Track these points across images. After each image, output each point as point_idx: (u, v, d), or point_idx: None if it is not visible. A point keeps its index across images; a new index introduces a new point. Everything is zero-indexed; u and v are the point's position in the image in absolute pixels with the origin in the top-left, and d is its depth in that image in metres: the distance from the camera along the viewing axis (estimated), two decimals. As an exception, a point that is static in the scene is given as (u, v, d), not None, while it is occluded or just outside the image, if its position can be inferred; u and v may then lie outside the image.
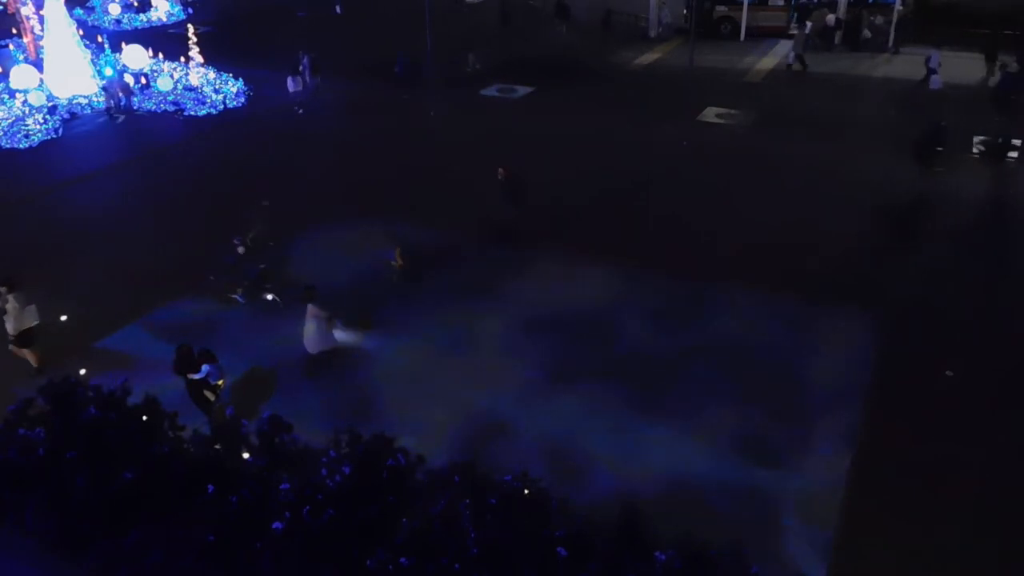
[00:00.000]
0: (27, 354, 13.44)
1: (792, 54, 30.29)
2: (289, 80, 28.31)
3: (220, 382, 12.19)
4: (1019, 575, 9.86)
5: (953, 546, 10.06)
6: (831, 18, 32.80)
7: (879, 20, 32.41)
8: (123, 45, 28.88)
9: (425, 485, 8.41)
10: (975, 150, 21.86)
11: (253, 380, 13.26)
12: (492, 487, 8.11)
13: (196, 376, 11.86)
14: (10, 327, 13.31)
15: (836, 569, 9.82)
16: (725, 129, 24.71)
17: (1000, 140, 21.72)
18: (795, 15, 33.65)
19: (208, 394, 12.01)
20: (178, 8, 40.26)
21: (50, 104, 25.76)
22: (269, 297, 15.20)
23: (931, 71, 26.87)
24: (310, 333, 13.48)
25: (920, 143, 20.94)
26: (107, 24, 37.54)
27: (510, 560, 7.41)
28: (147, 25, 38.35)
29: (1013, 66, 25.38)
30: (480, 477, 8.30)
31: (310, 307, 13.43)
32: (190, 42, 28.05)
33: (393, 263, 16.11)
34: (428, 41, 27.26)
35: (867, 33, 32.47)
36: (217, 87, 27.27)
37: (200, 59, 28.35)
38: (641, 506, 9.48)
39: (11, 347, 13.43)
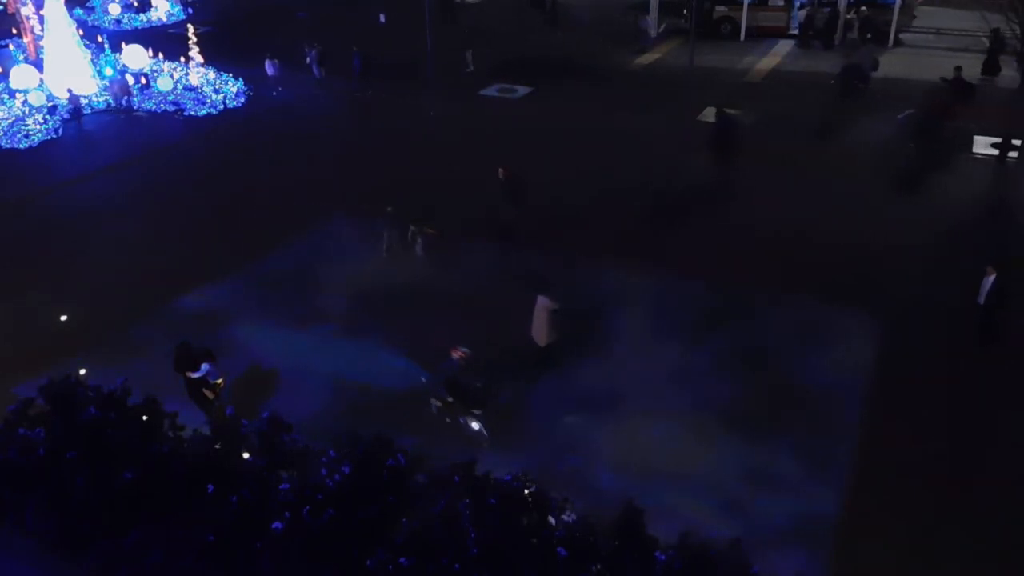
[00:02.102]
0: None
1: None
2: (267, 64, 28.35)
3: (219, 381, 12.18)
4: (1019, 575, 9.86)
5: (953, 546, 10.06)
6: (800, 14, 33.33)
7: (851, 16, 32.80)
8: (123, 45, 28.90)
9: (425, 485, 8.40)
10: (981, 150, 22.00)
11: (253, 379, 13.26)
12: (492, 487, 8.10)
13: (195, 375, 11.85)
14: None
15: (836, 569, 9.82)
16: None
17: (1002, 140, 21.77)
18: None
19: (207, 392, 12.01)
20: (178, 8, 40.24)
21: (50, 104, 25.76)
22: (475, 426, 11.81)
23: None
24: (540, 324, 13.08)
25: (715, 135, 21.47)
26: (107, 24, 37.52)
27: (510, 560, 7.40)
28: (147, 25, 38.33)
29: (855, 57, 27.27)
30: (480, 477, 8.30)
31: (541, 298, 13.02)
32: (190, 42, 28.07)
33: None
34: (428, 41, 27.25)
35: (867, 34, 32.54)
36: (217, 87, 27.27)
37: (200, 59, 28.37)
38: (642, 506, 9.51)
39: None
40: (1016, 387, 12.84)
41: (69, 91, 25.80)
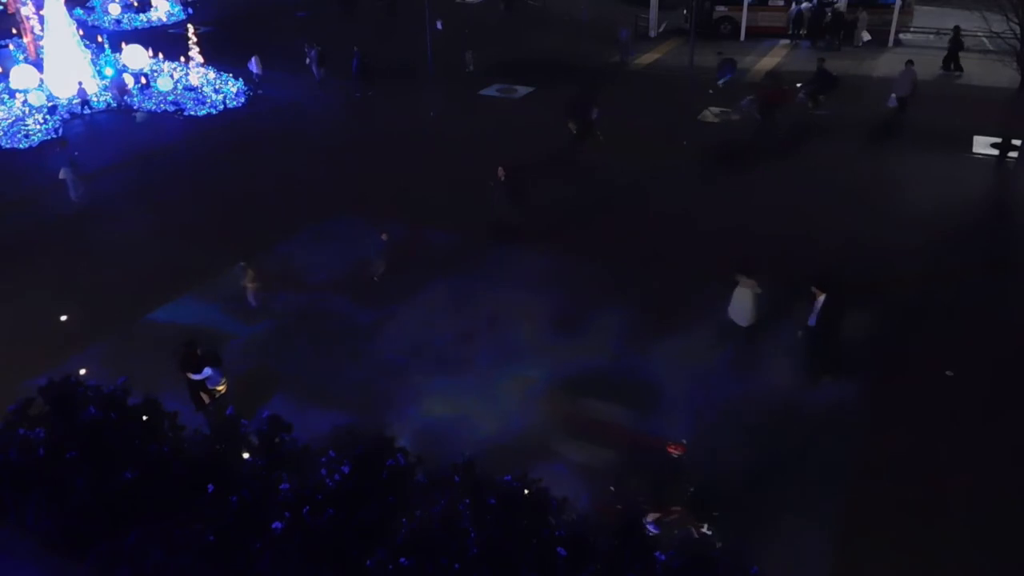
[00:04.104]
0: None
1: (893, 97, 24.57)
2: (252, 62, 28.39)
3: (221, 387, 12.08)
4: (1019, 575, 9.87)
5: (953, 546, 10.06)
6: (793, 9, 33.81)
7: (829, 15, 33.18)
8: (123, 45, 28.92)
9: (425, 485, 8.40)
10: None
11: (254, 380, 13.26)
12: (492, 487, 8.10)
13: (196, 377, 11.82)
14: None
15: (836, 569, 9.82)
16: (725, 129, 24.72)
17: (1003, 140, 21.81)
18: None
19: (204, 396, 11.96)
20: (178, 8, 40.27)
21: (50, 104, 25.78)
22: (707, 532, 10.04)
23: None
24: (744, 305, 12.99)
25: (571, 111, 22.28)
26: (107, 24, 37.55)
27: (510, 560, 7.40)
28: (147, 25, 38.36)
29: (725, 55, 28.55)
30: (480, 477, 8.29)
31: (745, 280, 12.95)
32: (190, 42, 28.09)
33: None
34: (428, 41, 27.24)
35: (866, 36, 32.66)
36: (217, 87, 27.28)
37: (200, 59, 28.38)
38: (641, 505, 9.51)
39: None
40: (1016, 387, 12.84)
41: (79, 84, 25.92)
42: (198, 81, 27.57)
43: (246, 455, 9.04)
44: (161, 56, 29.01)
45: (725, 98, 26.68)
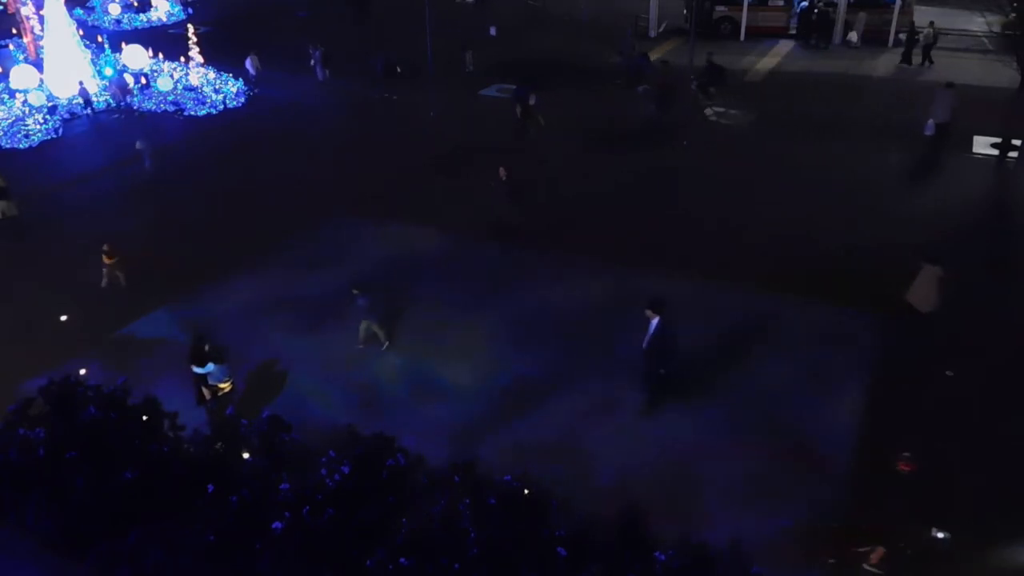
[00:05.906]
0: None
1: (931, 123, 22.29)
2: (248, 61, 28.42)
3: (224, 385, 12.07)
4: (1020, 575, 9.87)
5: (953, 546, 10.05)
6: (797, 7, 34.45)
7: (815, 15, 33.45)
8: (123, 45, 28.93)
9: (425, 485, 8.40)
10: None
11: (255, 379, 13.27)
12: (492, 487, 8.09)
13: (198, 371, 11.83)
14: None
15: (836, 569, 9.82)
16: (725, 129, 24.72)
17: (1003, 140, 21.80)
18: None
19: (205, 391, 11.97)
20: (178, 8, 40.29)
21: (50, 104, 25.78)
22: (939, 533, 9.92)
23: None
24: (928, 291, 13.68)
25: (515, 97, 23.67)
26: (107, 24, 37.59)
27: (510, 560, 7.40)
28: (147, 25, 38.39)
29: (636, 50, 29.56)
30: (480, 477, 8.29)
31: (930, 267, 13.69)
32: (190, 42, 28.10)
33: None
34: (428, 41, 27.22)
35: (854, 38, 32.74)
36: (217, 87, 27.29)
37: (200, 59, 28.39)
38: (641, 504, 9.48)
39: None
40: (1016, 387, 12.84)
41: (80, 83, 25.97)
42: (198, 81, 27.58)
43: (246, 455, 9.03)
44: (161, 56, 29.02)
45: (723, 98, 26.71)
